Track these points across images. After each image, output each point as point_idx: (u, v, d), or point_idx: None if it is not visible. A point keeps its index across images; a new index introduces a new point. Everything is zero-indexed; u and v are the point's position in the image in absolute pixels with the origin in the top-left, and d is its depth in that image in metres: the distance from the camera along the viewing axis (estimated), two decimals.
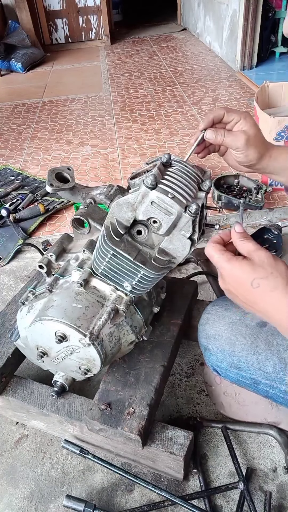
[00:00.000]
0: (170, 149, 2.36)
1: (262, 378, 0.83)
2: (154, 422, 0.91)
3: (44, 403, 0.98)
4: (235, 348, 0.86)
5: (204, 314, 0.95)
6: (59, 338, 0.81)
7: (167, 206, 0.71)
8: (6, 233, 1.79)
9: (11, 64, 4.08)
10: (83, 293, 0.85)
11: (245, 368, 0.85)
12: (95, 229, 0.95)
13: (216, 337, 0.89)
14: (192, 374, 1.18)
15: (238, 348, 0.85)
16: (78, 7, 4.63)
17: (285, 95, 1.98)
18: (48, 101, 3.28)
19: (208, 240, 0.65)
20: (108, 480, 0.97)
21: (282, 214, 1.77)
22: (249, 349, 0.84)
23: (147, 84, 3.41)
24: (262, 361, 0.82)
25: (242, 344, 0.85)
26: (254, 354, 0.83)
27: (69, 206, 1.94)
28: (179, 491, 0.94)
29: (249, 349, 0.84)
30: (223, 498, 0.92)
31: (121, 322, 0.87)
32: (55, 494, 0.96)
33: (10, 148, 2.56)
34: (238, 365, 0.86)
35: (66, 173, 0.88)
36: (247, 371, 0.85)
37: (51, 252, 0.93)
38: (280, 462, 0.97)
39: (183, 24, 5.14)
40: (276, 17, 3.41)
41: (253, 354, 0.83)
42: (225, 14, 3.53)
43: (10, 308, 1.18)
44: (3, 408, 1.06)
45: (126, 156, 2.33)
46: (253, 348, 0.83)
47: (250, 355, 0.84)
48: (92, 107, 3.07)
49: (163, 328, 1.05)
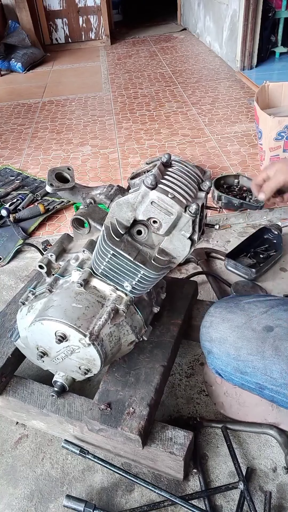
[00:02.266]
0: (170, 149, 2.36)
1: (268, 383, 0.82)
2: (154, 422, 0.91)
3: (44, 403, 0.98)
4: (240, 352, 0.84)
5: (207, 317, 0.94)
6: (59, 338, 0.81)
7: (167, 206, 0.71)
8: (6, 233, 1.79)
9: (11, 64, 4.08)
10: (83, 293, 0.85)
11: (250, 373, 0.84)
12: (95, 229, 0.95)
13: (221, 341, 0.88)
14: (192, 374, 1.18)
15: (244, 353, 0.84)
16: (78, 7, 4.63)
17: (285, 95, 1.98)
18: (48, 101, 3.28)
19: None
20: (108, 480, 0.97)
21: (282, 214, 1.77)
22: (255, 354, 0.83)
23: (147, 84, 3.40)
24: (269, 366, 0.81)
25: (248, 348, 0.84)
26: (261, 359, 0.82)
27: (69, 206, 1.94)
28: (179, 491, 0.94)
29: (256, 354, 0.83)
30: (223, 498, 0.92)
31: (121, 322, 0.87)
32: (55, 494, 0.96)
33: (10, 148, 2.56)
34: (243, 370, 0.85)
35: (66, 173, 0.88)
36: (253, 376, 0.84)
37: (51, 252, 0.93)
38: (280, 462, 0.97)
39: (183, 24, 5.14)
40: (276, 17, 3.40)
41: (260, 359, 0.82)
42: (225, 14, 3.53)
43: (10, 308, 1.18)
44: (3, 408, 1.06)
45: (126, 156, 2.33)
46: (260, 353, 0.82)
47: (256, 360, 0.82)
48: (92, 107, 3.07)
49: (163, 328, 1.05)
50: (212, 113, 2.75)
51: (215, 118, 2.66)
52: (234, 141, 2.36)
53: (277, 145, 1.77)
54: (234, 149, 2.27)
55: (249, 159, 2.16)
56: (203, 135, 2.47)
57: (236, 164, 2.12)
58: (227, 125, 2.55)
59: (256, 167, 2.07)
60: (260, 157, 1.90)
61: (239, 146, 2.30)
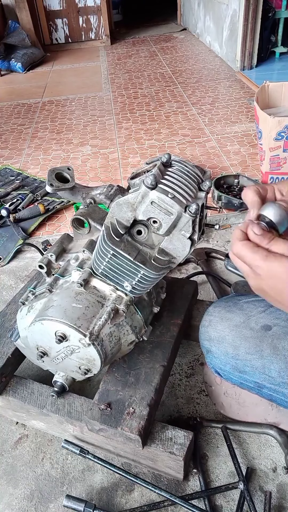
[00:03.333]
0: (170, 149, 2.36)
1: (267, 382, 0.82)
2: (154, 422, 0.91)
3: (44, 403, 0.98)
4: (239, 351, 0.85)
5: (206, 316, 0.94)
6: (59, 338, 0.81)
7: (167, 206, 0.71)
8: (6, 233, 1.79)
9: (11, 64, 4.08)
10: (83, 293, 0.85)
11: (249, 372, 0.84)
12: (95, 229, 0.95)
13: (219, 340, 0.88)
14: (192, 374, 1.18)
15: (243, 352, 0.84)
16: (78, 7, 4.63)
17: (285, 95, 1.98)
18: (48, 101, 3.28)
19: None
20: (108, 480, 0.97)
21: None
22: (253, 353, 0.83)
23: (147, 84, 3.40)
24: (267, 365, 0.81)
25: (247, 347, 0.84)
26: (259, 358, 0.82)
27: (69, 206, 1.94)
28: (179, 491, 0.94)
29: (254, 353, 0.83)
30: (223, 498, 0.92)
31: (121, 322, 0.87)
32: (55, 494, 0.96)
33: (10, 148, 2.56)
34: (241, 369, 0.85)
35: (66, 173, 0.88)
36: (251, 374, 0.84)
37: (51, 252, 0.93)
38: (280, 462, 0.97)
39: (183, 24, 5.14)
40: (276, 17, 3.40)
41: (258, 358, 0.82)
42: (225, 14, 3.53)
43: (10, 308, 1.18)
44: (3, 408, 1.06)
45: (126, 156, 2.33)
46: (258, 352, 0.82)
47: (254, 359, 0.83)
48: (92, 107, 3.07)
49: (163, 328, 1.05)
50: (212, 113, 2.75)
51: (215, 118, 2.66)
52: (234, 141, 2.36)
53: (277, 145, 1.77)
54: (234, 149, 2.27)
55: (249, 159, 2.16)
56: (203, 135, 2.47)
57: (236, 164, 2.12)
58: (227, 125, 2.55)
59: (256, 167, 2.07)
60: (260, 157, 1.90)
61: (239, 146, 2.30)
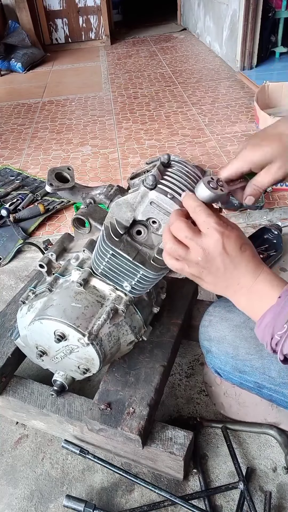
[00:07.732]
0: (170, 149, 2.36)
1: (267, 382, 0.82)
2: (154, 422, 0.91)
3: (44, 403, 0.98)
4: (239, 351, 0.84)
5: (206, 316, 0.94)
6: (58, 337, 0.81)
7: (166, 206, 0.71)
8: (6, 233, 1.79)
9: (11, 64, 4.08)
10: (83, 292, 0.85)
11: (249, 372, 0.84)
12: (96, 229, 0.95)
13: (219, 340, 0.88)
14: (192, 374, 1.18)
15: (242, 352, 0.84)
16: (78, 7, 4.63)
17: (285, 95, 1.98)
18: (48, 101, 3.28)
19: None
20: (108, 480, 0.97)
21: (282, 214, 1.77)
22: (253, 353, 0.82)
23: (147, 84, 3.40)
24: (267, 365, 0.81)
25: (247, 347, 0.83)
26: (259, 358, 0.82)
27: (69, 206, 1.94)
28: (179, 491, 0.94)
29: (254, 353, 0.82)
30: (223, 498, 0.92)
31: (121, 322, 0.87)
32: (55, 494, 0.96)
33: (10, 148, 2.56)
34: (241, 369, 0.85)
35: (66, 173, 0.88)
36: (251, 375, 0.83)
37: (51, 251, 0.94)
38: (280, 462, 0.97)
39: (183, 24, 5.14)
40: (276, 17, 3.40)
41: (258, 358, 0.82)
42: (225, 14, 3.53)
43: (10, 308, 1.18)
44: (3, 408, 1.06)
45: (126, 156, 2.33)
46: (258, 352, 0.82)
47: (254, 359, 0.82)
48: (92, 107, 3.07)
49: (163, 328, 1.05)
50: (212, 113, 2.75)
51: (215, 118, 2.66)
52: (234, 141, 2.36)
53: None
54: (234, 149, 2.27)
55: None
56: (203, 135, 2.47)
57: None
58: (227, 125, 2.55)
59: None
60: None
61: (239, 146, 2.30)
